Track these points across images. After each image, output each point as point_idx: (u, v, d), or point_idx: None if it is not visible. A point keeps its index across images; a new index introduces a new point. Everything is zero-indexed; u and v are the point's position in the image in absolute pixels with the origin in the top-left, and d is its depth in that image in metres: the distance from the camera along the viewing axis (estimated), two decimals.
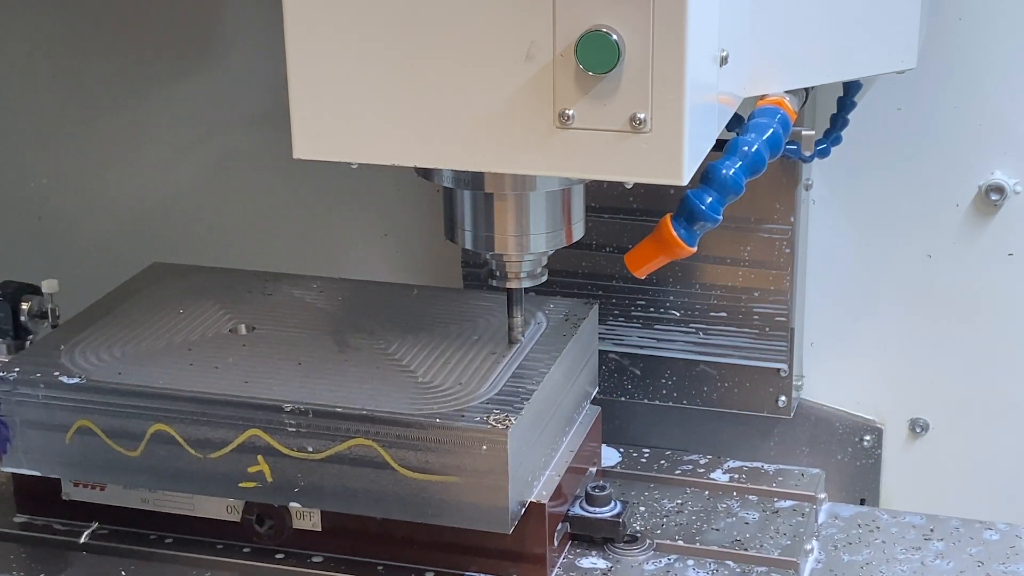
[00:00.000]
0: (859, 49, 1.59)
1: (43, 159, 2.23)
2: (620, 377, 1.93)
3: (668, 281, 1.86)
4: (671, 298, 1.87)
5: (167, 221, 2.21)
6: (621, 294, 1.89)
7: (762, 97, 1.57)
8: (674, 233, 1.46)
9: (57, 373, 1.66)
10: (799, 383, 1.93)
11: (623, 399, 1.94)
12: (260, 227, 2.18)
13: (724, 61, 1.42)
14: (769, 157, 1.50)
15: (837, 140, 1.80)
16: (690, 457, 1.89)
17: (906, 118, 1.86)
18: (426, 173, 1.55)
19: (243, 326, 1.76)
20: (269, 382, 1.62)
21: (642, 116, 1.30)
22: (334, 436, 1.56)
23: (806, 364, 1.97)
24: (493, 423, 1.52)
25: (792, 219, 1.80)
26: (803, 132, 1.74)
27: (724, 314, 1.85)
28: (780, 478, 1.85)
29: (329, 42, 1.36)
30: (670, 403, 1.92)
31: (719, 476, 1.85)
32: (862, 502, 1.97)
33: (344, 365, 1.66)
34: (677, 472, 1.87)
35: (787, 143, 1.55)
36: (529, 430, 1.58)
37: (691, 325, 1.87)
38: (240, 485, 1.61)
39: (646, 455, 1.90)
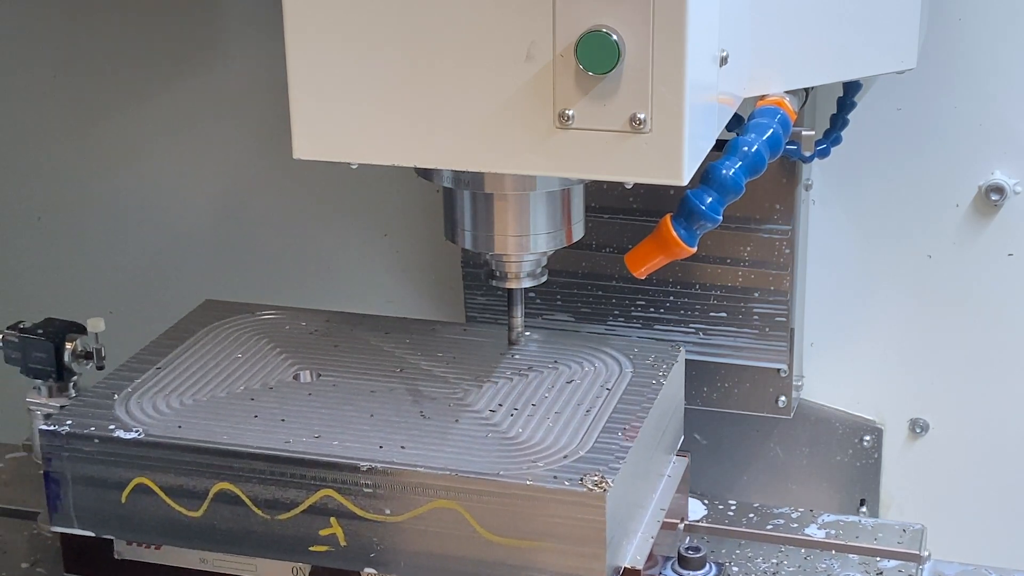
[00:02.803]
0: (859, 49, 1.59)
1: (43, 159, 2.23)
2: None
3: (668, 281, 1.86)
4: (671, 298, 1.87)
5: (165, 220, 2.21)
6: (621, 294, 1.88)
7: (762, 97, 1.57)
8: (674, 233, 1.46)
9: (112, 427, 1.55)
10: (799, 383, 1.93)
11: None
12: (260, 226, 2.18)
13: (724, 61, 1.42)
14: (769, 157, 1.50)
15: (837, 140, 1.80)
16: (780, 510, 1.79)
17: (906, 118, 1.86)
18: (426, 173, 1.55)
19: (307, 372, 1.67)
20: (341, 437, 1.52)
21: (642, 116, 1.30)
22: (414, 498, 1.46)
23: (806, 364, 1.97)
24: (590, 485, 1.42)
25: (792, 219, 1.80)
26: (803, 132, 1.74)
27: (724, 314, 1.85)
28: (880, 534, 1.74)
29: (329, 42, 1.36)
30: None
31: (814, 532, 1.75)
32: (862, 503, 1.97)
33: (419, 417, 1.57)
34: (768, 527, 1.77)
35: (787, 143, 1.55)
36: (624, 490, 1.48)
37: (691, 325, 1.87)
38: (311, 549, 1.51)
39: (733, 508, 1.79)
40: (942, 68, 1.81)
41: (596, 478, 1.43)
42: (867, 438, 1.95)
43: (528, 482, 1.43)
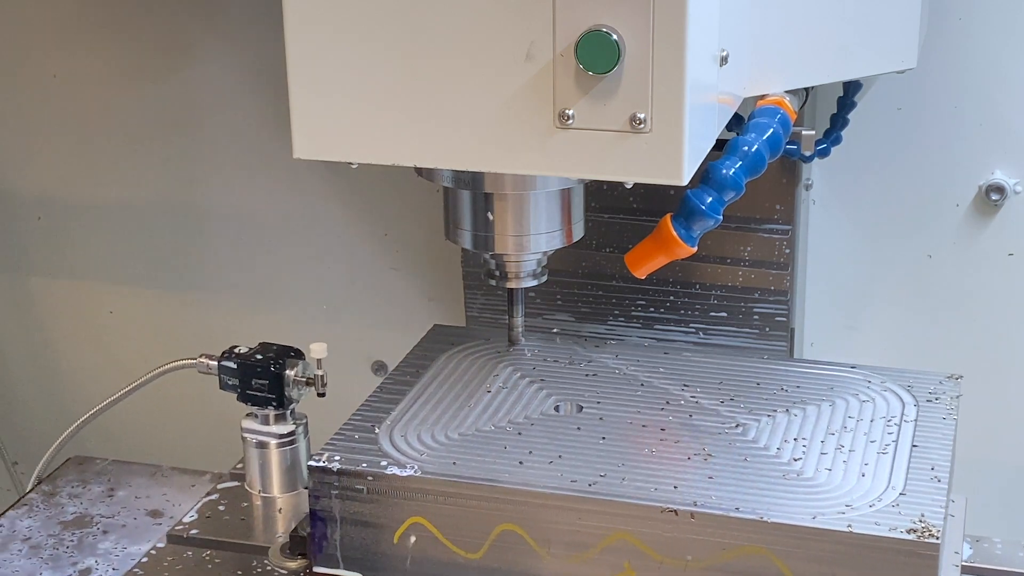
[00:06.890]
0: (859, 49, 1.59)
1: (42, 159, 2.23)
2: None
3: (668, 281, 1.86)
4: (671, 298, 1.87)
5: (164, 220, 2.21)
6: (621, 294, 1.88)
7: (762, 97, 1.57)
8: (674, 233, 1.47)
9: (384, 463, 1.48)
10: None
11: None
12: (259, 227, 2.18)
13: (724, 61, 1.42)
14: (769, 157, 1.50)
15: (837, 140, 1.80)
16: None
17: (906, 118, 1.86)
18: (426, 173, 1.55)
19: (568, 404, 1.61)
20: (629, 476, 1.44)
21: (642, 116, 1.30)
22: (719, 543, 1.38)
23: None
24: (919, 533, 1.33)
25: (792, 219, 1.80)
26: (803, 132, 1.73)
27: (724, 314, 1.85)
28: None
29: (329, 42, 1.36)
30: None
31: None
32: None
33: (704, 455, 1.49)
34: None
35: (787, 143, 1.55)
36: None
37: (691, 325, 1.87)
38: None
39: (999, 546, 1.64)
40: (942, 68, 1.81)
41: (923, 524, 1.35)
42: None
43: (850, 529, 1.35)
